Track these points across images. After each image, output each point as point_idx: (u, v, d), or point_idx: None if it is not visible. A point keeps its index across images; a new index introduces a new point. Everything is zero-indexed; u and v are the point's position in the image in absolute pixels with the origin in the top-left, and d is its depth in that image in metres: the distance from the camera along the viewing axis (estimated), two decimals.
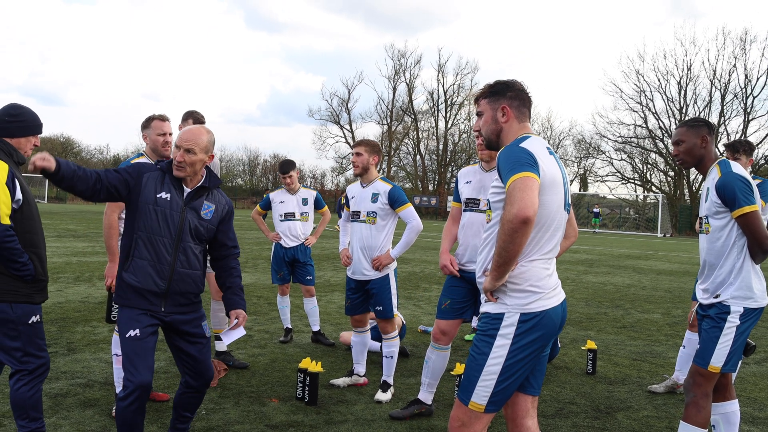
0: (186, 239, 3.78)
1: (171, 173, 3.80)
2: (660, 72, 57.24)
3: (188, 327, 3.86)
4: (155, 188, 3.75)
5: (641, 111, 56.22)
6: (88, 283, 11.05)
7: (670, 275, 16.98)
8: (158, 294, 3.73)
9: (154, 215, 3.71)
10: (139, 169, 3.77)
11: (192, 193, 3.83)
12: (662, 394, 5.97)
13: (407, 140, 67.72)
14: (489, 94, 3.26)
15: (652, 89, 55.84)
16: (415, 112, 66.27)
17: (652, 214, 53.50)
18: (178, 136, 3.81)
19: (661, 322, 9.91)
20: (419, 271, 15.19)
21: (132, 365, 3.59)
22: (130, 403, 3.56)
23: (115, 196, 3.69)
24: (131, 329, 3.66)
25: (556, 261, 3.20)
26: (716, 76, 52.59)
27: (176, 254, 3.76)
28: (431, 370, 5.05)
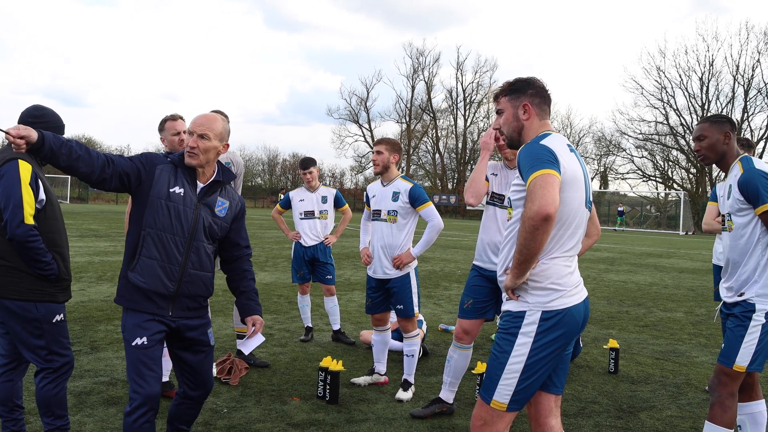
0: (199, 238, 3.53)
1: (183, 167, 3.55)
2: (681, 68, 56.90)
3: (194, 334, 3.62)
4: (168, 182, 3.47)
5: (662, 108, 55.78)
6: (110, 283, 11.14)
7: (693, 273, 16.81)
8: (166, 297, 3.46)
9: (166, 211, 3.44)
10: (152, 160, 3.49)
11: (206, 189, 3.59)
12: (688, 394, 5.90)
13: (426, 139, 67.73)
14: (509, 91, 3.25)
15: (674, 85, 55.33)
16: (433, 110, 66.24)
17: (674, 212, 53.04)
18: (192, 121, 3.57)
19: (684, 320, 9.82)
20: (439, 270, 15.16)
21: (139, 376, 3.34)
22: (138, 417, 3.32)
23: (126, 185, 3.41)
24: (138, 337, 3.38)
25: (577, 259, 3.18)
26: (739, 72, 52.02)
27: (188, 254, 3.49)
28: (453, 369, 5.04)
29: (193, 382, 3.70)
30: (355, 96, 67.82)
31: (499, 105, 3.30)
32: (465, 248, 22.11)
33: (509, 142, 3.30)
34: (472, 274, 4.96)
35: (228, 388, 5.50)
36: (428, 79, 65.99)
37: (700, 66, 54.30)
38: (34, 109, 3.89)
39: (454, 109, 65.49)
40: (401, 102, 67.57)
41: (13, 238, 3.56)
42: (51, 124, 3.89)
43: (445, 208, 57.28)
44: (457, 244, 23.95)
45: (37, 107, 3.91)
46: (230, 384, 5.59)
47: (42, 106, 3.93)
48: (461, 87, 64.89)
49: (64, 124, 3.98)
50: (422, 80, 66.20)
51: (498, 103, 3.31)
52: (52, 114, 3.93)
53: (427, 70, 66.32)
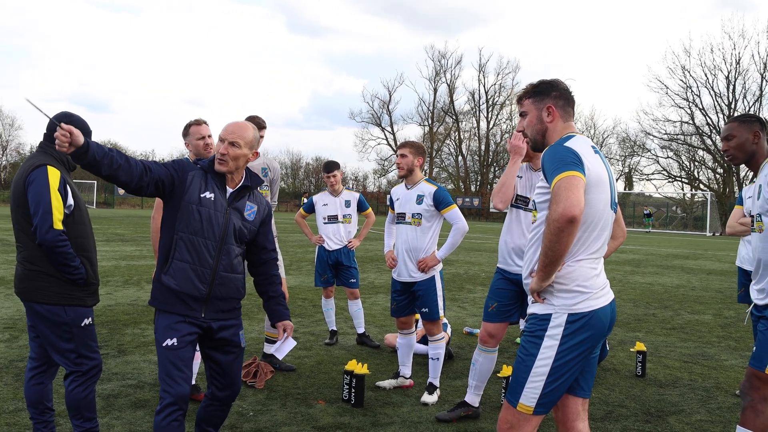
0: (229, 241, 3.60)
1: (213, 172, 3.62)
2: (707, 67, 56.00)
3: (226, 334, 3.68)
4: (199, 187, 3.56)
5: (688, 107, 55.21)
6: (137, 287, 11.25)
7: (721, 275, 16.59)
8: (198, 299, 3.54)
9: (198, 216, 3.52)
10: (184, 167, 3.57)
11: (235, 193, 3.66)
12: (718, 398, 5.82)
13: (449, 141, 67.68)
14: (533, 93, 3.24)
15: (699, 85, 54.67)
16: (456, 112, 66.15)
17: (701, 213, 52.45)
18: (223, 129, 3.64)
19: (712, 323, 9.69)
20: (463, 273, 15.12)
21: (169, 376, 3.41)
22: (166, 415, 3.39)
23: (161, 191, 3.50)
24: (168, 338, 3.46)
25: (603, 261, 3.15)
26: (767, 69, 51.24)
27: (219, 257, 3.57)
28: (478, 372, 5.01)
29: (222, 382, 3.75)
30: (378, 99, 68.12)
31: (522, 107, 3.29)
32: (489, 251, 22.03)
33: (533, 145, 3.29)
34: (496, 277, 4.94)
35: (254, 392, 5.53)
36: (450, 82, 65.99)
37: (726, 64, 53.63)
38: (63, 116, 3.94)
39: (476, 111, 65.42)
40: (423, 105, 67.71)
41: (43, 244, 3.61)
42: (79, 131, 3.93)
43: (468, 211, 57.10)
44: (481, 246, 23.87)
45: (66, 114, 3.96)
46: (256, 387, 5.62)
47: (70, 112, 3.98)
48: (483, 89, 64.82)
49: (92, 131, 4.03)
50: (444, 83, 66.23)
51: (521, 106, 3.30)
52: (80, 120, 3.97)
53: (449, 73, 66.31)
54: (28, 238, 3.72)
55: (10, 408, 4.84)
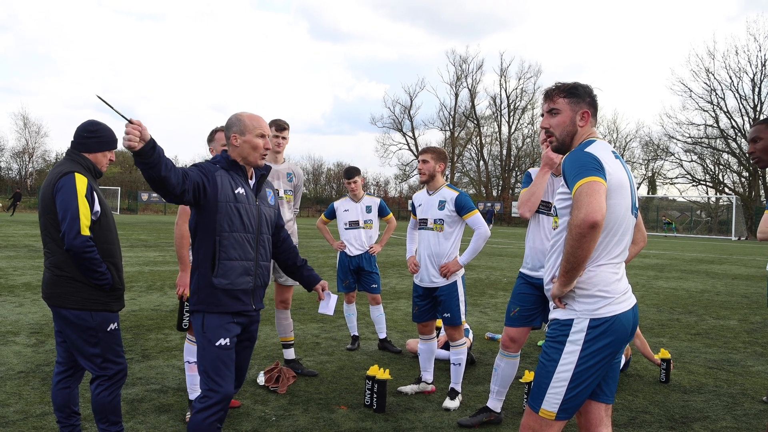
0: (264, 231, 3.76)
1: (234, 168, 3.68)
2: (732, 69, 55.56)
3: (254, 327, 3.82)
4: (230, 185, 3.62)
5: (712, 110, 54.72)
6: (160, 292, 11.36)
7: (747, 280, 16.38)
8: (248, 292, 3.66)
9: (237, 212, 3.59)
10: (208, 168, 3.59)
11: (256, 184, 3.78)
12: (744, 404, 5.76)
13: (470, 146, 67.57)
14: (570, 93, 3.19)
15: (723, 87, 54.23)
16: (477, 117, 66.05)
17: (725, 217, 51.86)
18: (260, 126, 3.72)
19: (738, 328, 9.57)
20: (485, 278, 15.07)
21: (219, 375, 3.48)
22: (211, 414, 3.44)
23: (197, 196, 3.50)
24: (222, 338, 3.53)
25: (625, 266, 3.14)
26: None
27: (257, 248, 3.71)
28: (500, 377, 5.00)
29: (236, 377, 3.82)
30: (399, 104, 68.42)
31: (555, 105, 3.21)
32: (510, 256, 21.94)
33: (559, 146, 3.24)
34: (518, 282, 4.93)
35: (276, 397, 5.56)
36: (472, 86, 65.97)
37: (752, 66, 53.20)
38: (90, 124, 4.01)
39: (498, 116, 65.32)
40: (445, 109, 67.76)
41: (71, 249, 3.67)
42: (105, 139, 4.00)
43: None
44: (503, 251, 23.78)
45: (93, 122, 4.02)
46: (278, 392, 5.65)
47: (97, 121, 4.04)
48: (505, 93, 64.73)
49: (117, 138, 4.09)
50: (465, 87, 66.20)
51: (553, 102, 3.22)
52: (107, 129, 4.04)
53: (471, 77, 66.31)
54: (56, 244, 3.78)
55: (37, 412, 4.91)
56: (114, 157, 4.11)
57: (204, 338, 3.55)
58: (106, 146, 4.02)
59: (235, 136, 3.69)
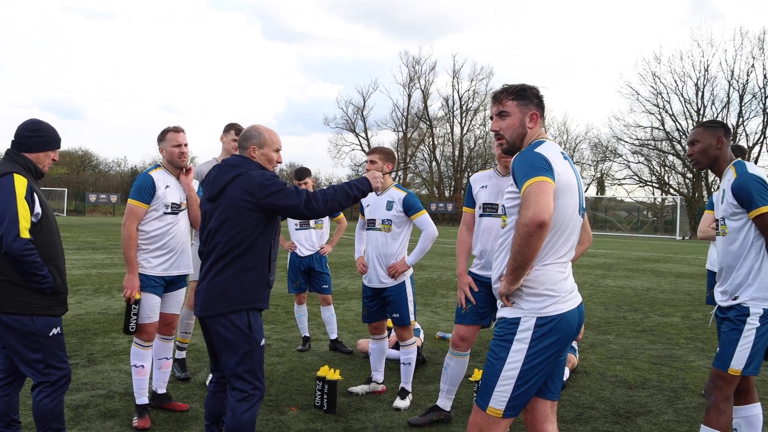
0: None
1: None
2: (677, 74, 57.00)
3: None
4: None
5: (658, 113, 55.99)
6: (108, 295, 11.14)
7: (690, 278, 16.84)
8: None
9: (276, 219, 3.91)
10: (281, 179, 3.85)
11: None
12: (685, 398, 5.91)
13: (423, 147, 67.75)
14: (518, 96, 3.21)
15: (669, 91, 55.48)
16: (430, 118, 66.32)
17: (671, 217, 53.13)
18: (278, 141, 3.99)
19: (681, 325, 9.83)
20: (437, 278, 15.17)
21: (262, 374, 3.76)
22: (255, 411, 3.70)
23: None
24: (263, 338, 3.80)
25: (572, 265, 3.20)
26: (734, 77, 52.31)
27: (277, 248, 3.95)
28: (450, 376, 5.04)
29: None
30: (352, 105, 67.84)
31: (504, 107, 3.23)
32: None
33: (509, 148, 3.27)
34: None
35: None
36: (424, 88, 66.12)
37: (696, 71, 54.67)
38: (31, 123, 3.91)
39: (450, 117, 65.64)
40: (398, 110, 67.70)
41: (9, 252, 3.57)
42: (48, 138, 3.91)
43: (442, 216, 57.30)
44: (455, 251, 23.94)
45: (34, 121, 3.93)
46: None
47: (38, 120, 3.95)
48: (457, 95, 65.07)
49: (60, 138, 4.00)
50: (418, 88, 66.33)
51: (502, 105, 3.24)
52: (48, 128, 3.95)
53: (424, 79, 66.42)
54: None
55: None
56: (57, 156, 4.02)
57: (250, 338, 3.71)
58: (48, 146, 3.93)
59: (253, 148, 3.89)
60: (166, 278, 5.04)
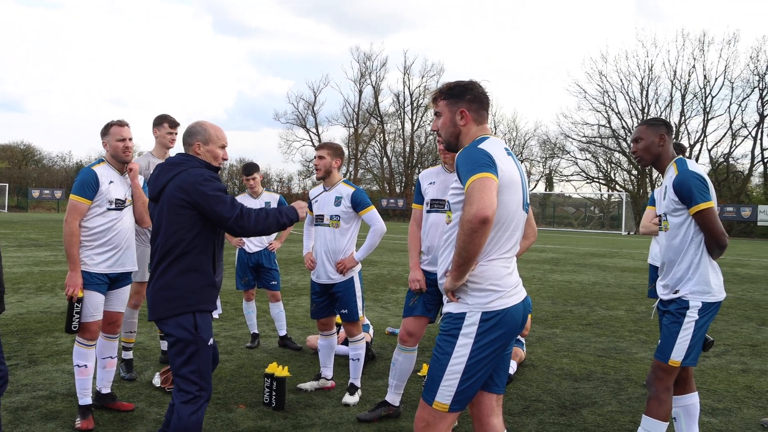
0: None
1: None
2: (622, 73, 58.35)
3: None
4: None
5: (604, 111, 57.15)
6: (51, 293, 10.86)
7: (634, 272, 17.22)
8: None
9: None
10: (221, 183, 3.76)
11: None
12: (628, 389, 6.05)
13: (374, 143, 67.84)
14: (447, 95, 3.25)
15: (615, 90, 56.69)
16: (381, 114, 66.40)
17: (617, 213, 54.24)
18: (224, 136, 3.90)
19: (625, 318, 10.06)
20: (387, 273, 15.20)
21: (209, 374, 3.68)
22: (202, 413, 3.64)
23: None
24: (211, 337, 3.72)
25: (517, 260, 3.23)
26: (676, 77, 53.73)
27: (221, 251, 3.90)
28: (398, 371, 5.06)
29: None
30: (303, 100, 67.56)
31: (437, 108, 3.30)
32: None
33: (447, 146, 3.33)
34: None
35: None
36: (375, 84, 66.18)
37: (640, 71, 55.83)
38: None
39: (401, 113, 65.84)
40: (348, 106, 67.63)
41: None
42: None
43: (393, 212, 57.46)
44: (405, 247, 24.01)
45: None
46: None
47: None
48: (408, 91, 65.29)
49: None
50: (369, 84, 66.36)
51: (436, 106, 3.31)
52: None
53: (375, 75, 66.49)
54: None
55: None
56: None
57: (197, 338, 3.63)
58: None
59: (198, 144, 3.80)
60: (110, 275, 4.94)
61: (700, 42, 52.47)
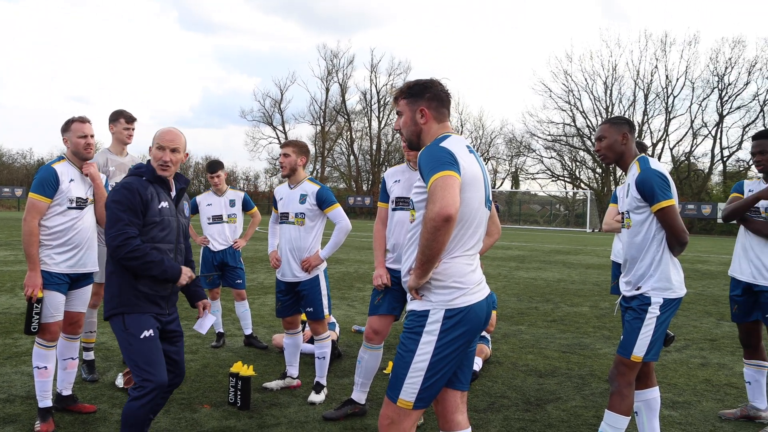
0: (180, 241, 4.01)
1: (158, 181, 3.91)
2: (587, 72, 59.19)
3: (174, 326, 4.03)
4: (156, 200, 3.86)
5: (569, 110, 57.81)
6: (10, 294, 10.64)
7: (598, 269, 17.45)
8: (166, 297, 3.91)
9: (159, 225, 3.85)
10: (140, 191, 3.78)
11: (176, 196, 4.04)
12: (592, 384, 6.13)
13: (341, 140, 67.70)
14: (407, 94, 3.27)
15: (580, 89, 57.36)
16: (348, 112, 66.30)
17: (581, 210, 54.86)
18: (161, 138, 3.91)
19: (589, 314, 10.18)
20: (353, 271, 15.19)
21: (150, 365, 3.67)
22: (146, 402, 3.62)
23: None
24: (146, 330, 3.74)
25: (481, 258, 3.25)
26: (639, 77, 54.58)
27: (176, 257, 3.97)
28: (364, 369, 5.05)
29: (175, 371, 4.00)
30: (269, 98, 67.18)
31: (398, 107, 3.32)
32: None
33: (409, 144, 3.33)
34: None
35: None
36: (342, 81, 66.02)
37: (604, 70, 56.88)
38: None
39: (368, 111, 65.80)
40: (315, 104, 67.38)
41: None
42: None
43: (360, 210, 57.43)
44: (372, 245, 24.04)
45: None
46: None
47: None
48: (375, 89, 65.25)
49: None
50: (336, 82, 66.19)
51: (397, 105, 3.32)
52: None
53: (341, 72, 66.31)
54: None
55: None
56: None
57: (128, 335, 3.73)
58: None
59: (150, 148, 3.95)
60: (71, 275, 4.85)
61: (662, 43, 53.38)
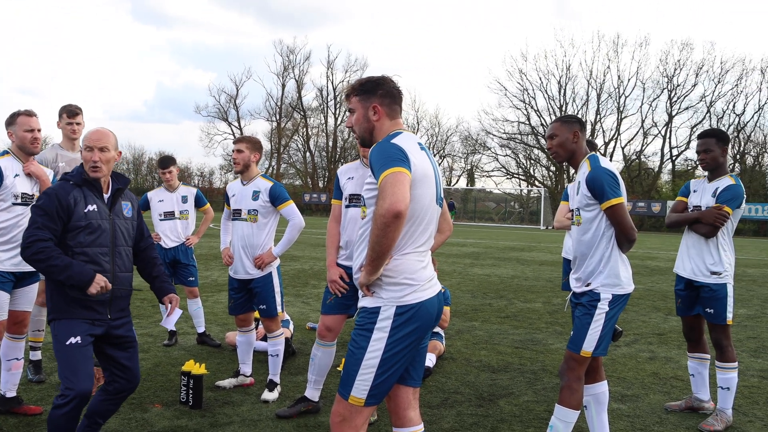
0: (119, 243, 3.93)
1: (87, 184, 3.85)
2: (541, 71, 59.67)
3: (122, 331, 3.96)
4: (82, 204, 3.79)
5: (524, 108, 58.54)
6: None
7: (552, 266, 17.69)
8: (104, 302, 3.83)
9: (86, 229, 3.77)
10: (62, 195, 3.74)
11: (111, 198, 3.96)
12: (544, 379, 6.21)
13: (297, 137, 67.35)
14: (360, 91, 3.27)
15: (535, 88, 58.15)
16: (304, 108, 65.98)
17: (536, 208, 55.62)
18: (88, 138, 3.85)
19: (542, 310, 10.32)
20: (308, 268, 15.13)
21: (73, 374, 3.63)
22: (68, 411, 3.61)
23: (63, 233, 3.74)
24: (72, 337, 3.70)
25: (435, 254, 3.27)
26: (592, 77, 55.67)
27: (114, 260, 3.88)
28: (317, 367, 5.04)
29: (125, 377, 3.96)
30: (225, 93, 66.38)
31: (350, 104, 3.32)
32: None
33: (361, 141, 3.34)
34: None
35: None
36: (299, 78, 65.67)
37: (558, 70, 57.49)
38: None
39: (324, 108, 65.57)
40: (271, 100, 66.83)
41: None
42: None
43: (315, 206, 57.25)
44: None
45: None
46: None
47: None
48: (332, 86, 65.04)
49: None
50: (293, 78, 65.77)
51: (349, 102, 3.32)
52: None
53: (298, 68, 65.93)
54: None
55: None
56: None
57: (56, 341, 3.72)
58: None
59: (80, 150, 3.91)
60: (16, 273, 4.73)
61: (615, 44, 54.69)
